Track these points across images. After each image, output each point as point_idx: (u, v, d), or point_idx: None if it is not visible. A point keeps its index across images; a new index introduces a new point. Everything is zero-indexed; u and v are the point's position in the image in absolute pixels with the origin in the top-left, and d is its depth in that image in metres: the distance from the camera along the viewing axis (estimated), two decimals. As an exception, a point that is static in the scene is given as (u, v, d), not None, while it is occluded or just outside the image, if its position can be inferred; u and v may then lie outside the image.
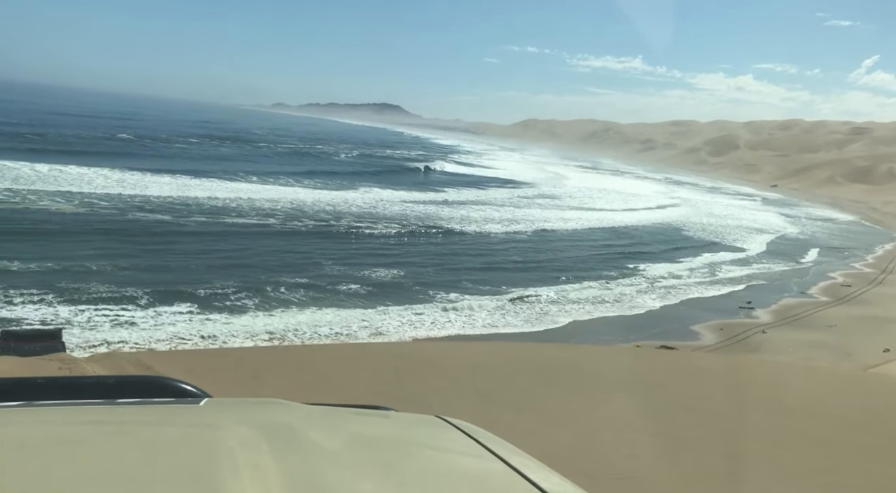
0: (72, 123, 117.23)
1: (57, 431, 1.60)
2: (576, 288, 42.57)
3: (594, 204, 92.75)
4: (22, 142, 79.83)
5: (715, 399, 15.65)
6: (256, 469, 1.39)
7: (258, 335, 27.47)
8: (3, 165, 58.56)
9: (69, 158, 67.39)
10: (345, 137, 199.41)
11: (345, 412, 2.05)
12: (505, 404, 13.41)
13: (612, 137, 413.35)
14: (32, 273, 31.98)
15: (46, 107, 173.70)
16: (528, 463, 1.71)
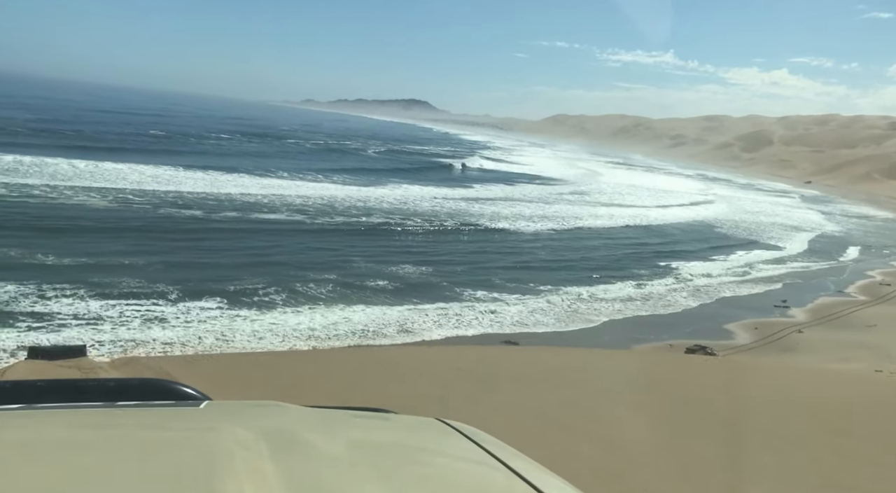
0: (107, 120, 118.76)
1: (57, 434, 1.60)
2: (608, 287, 42.05)
3: (625, 200, 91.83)
4: (59, 138, 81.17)
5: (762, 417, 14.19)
6: (256, 472, 1.40)
7: (287, 334, 27.48)
8: (42, 160, 59.54)
9: (105, 155, 68.37)
10: (373, 133, 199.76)
11: (344, 414, 2.06)
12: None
13: (643, 132, 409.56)
14: (66, 267, 32.35)
15: (82, 103, 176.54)
16: (528, 466, 1.71)
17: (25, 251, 34.07)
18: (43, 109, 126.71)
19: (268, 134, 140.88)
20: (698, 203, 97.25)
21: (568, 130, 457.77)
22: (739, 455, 11.31)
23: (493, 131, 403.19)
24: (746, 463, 11.20)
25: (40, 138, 77.82)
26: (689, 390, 16.08)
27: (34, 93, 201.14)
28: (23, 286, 28.71)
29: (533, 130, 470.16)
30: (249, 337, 26.77)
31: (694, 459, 10.97)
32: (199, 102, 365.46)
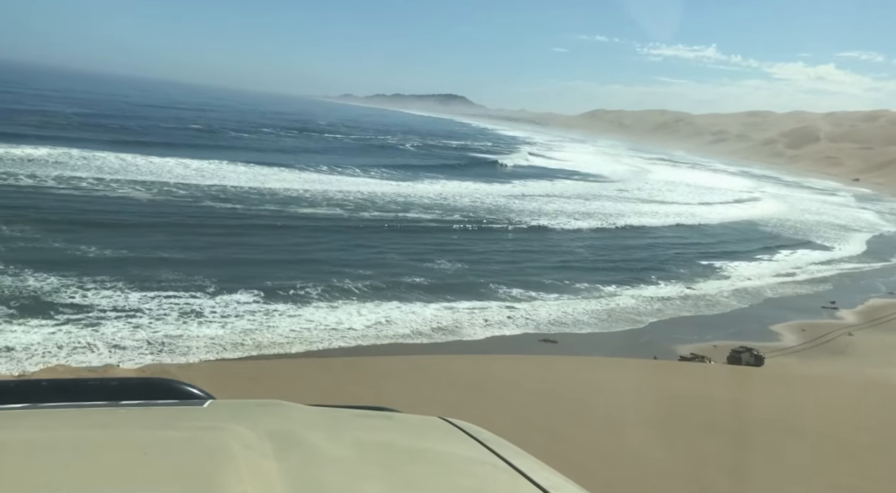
0: (152, 114, 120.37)
1: (61, 433, 1.60)
2: (652, 286, 41.28)
3: (668, 197, 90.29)
4: (106, 132, 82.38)
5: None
6: (260, 471, 1.41)
7: (322, 329, 27.30)
8: (90, 154, 60.71)
9: (149, 148, 69.34)
10: (412, 128, 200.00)
11: (348, 413, 2.06)
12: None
13: (683, 128, 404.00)
14: (107, 259, 32.75)
15: (128, 97, 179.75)
16: (531, 464, 1.72)
17: (68, 243, 34.51)
18: (90, 103, 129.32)
19: (307, 128, 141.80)
20: (743, 201, 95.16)
21: (606, 126, 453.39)
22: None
23: (531, 127, 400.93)
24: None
25: (88, 132, 79.20)
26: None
27: (80, 87, 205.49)
28: (64, 278, 29.03)
29: (570, 126, 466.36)
30: (286, 336, 26.55)
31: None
32: (240, 96, 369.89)
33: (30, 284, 27.83)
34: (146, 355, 23.08)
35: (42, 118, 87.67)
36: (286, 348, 25.23)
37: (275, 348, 25.46)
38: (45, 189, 46.64)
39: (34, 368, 21.22)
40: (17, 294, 26.69)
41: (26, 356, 21.71)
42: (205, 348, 24.07)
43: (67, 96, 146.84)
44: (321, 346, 26.00)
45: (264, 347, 25.07)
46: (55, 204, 42.75)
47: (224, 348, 24.31)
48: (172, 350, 23.62)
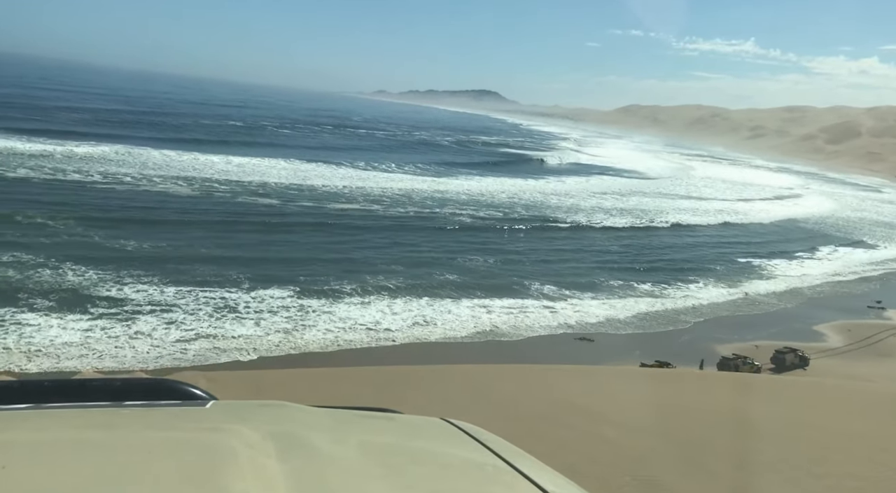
0: (193, 112, 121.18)
1: (64, 434, 1.61)
2: (692, 285, 40.46)
3: (705, 193, 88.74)
4: (149, 129, 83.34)
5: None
6: (262, 471, 1.41)
7: (358, 330, 27.13)
8: (135, 150, 61.92)
9: (191, 145, 70.21)
10: (446, 125, 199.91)
11: (350, 414, 2.04)
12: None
13: (719, 123, 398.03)
14: (144, 253, 33.10)
15: (169, 95, 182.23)
16: (532, 465, 1.71)
17: (108, 237, 34.78)
18: (134, 101, 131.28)
19: (343, 125, 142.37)
20: (784, 198, 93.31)
21: (640, 121, 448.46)
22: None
23: (564, 122, 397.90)
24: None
25: (132, 129, 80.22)
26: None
27: (125, 85, 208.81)
28: (102, 271, 29.21)
29: (604, 121, 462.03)
30: (322, 334, 26.35)
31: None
32: (275, 93, 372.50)
33: (69, 277, 28.05)
34: (181, 356, 23.21)
35: (87, 115, 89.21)
36: (323, 350, 24.93)
37: (310, 346, 25.33)
38: (90, 184, 47.50)
39: (71, 363, 21.41)
40: (57, 287, 26.84)
41: (63, 354, 21.76)
42: (237, 349, 23.85)
43: (112, 94, 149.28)
44: (358, 347, 25.69)
45: (300, 348, 24.85)
46: (98, 199, 43.36)
47: (257, 350, 24.07)
48: (205, 357, 23.70)
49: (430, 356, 25.68)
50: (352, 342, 26.02)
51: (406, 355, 25.30)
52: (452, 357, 25.79)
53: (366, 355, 25.04)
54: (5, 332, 22.49)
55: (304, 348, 24.93)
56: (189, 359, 22.71)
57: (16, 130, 64.61)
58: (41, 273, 28.01)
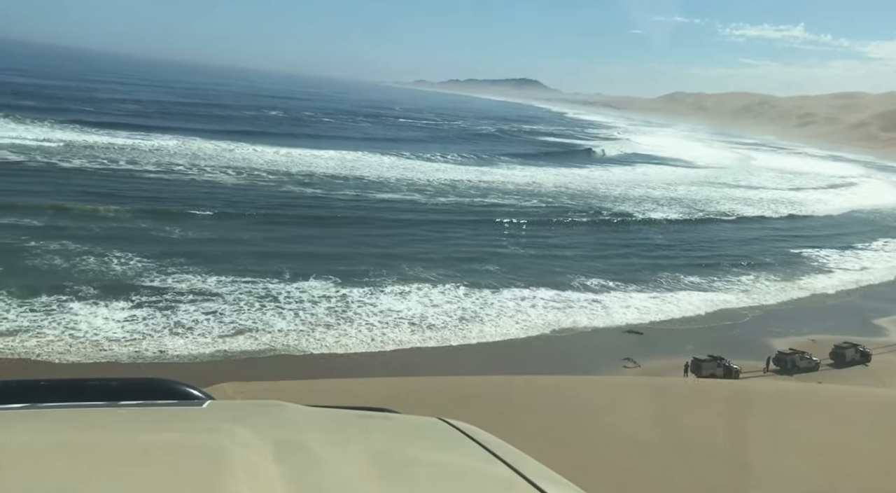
0: (242, 103, 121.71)
1: (60, 434, 1.61)
2: (743, 276, 39.27)
3: (753, 182, 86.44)
4: (201, 120, 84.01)
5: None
6: (258, 472, 1.41)
7: (399, 324, 26.75)
8: (188, 141, 63.06)
9: (238, 136, 70.83)
10: (488, 114, 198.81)
11: (347, 414, 2.03)
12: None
13: (767, 111, 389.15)
14: (189, 241, 33.33)
15: (217, 87, 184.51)
16: (530, 466, 1.70)
17: (153, 224, 35.11)
18: (182, 92, 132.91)
19: (386, 115, 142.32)
20: (837, 186, 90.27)
21: (685, 110, 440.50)
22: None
23: (607, 111, 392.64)
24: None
25: (185, 120, 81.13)
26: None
27: (171, 76, 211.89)
28: (146, 259, 29.24)
29: (648, 110, 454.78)
30: (363, 329, 25.79)
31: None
32: (320, 83, 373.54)
33: (114, 266, 28.18)
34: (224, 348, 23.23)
35: (138, 107, 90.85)
36: (368, 351, 24.31)
37: (353, 344, 25.06)
38: (139, 173, 48.33)
39: (119, 349, 21.46)
40: (101, 277, 26.99)
41: (105, 342, 21.75)
42: (281, 347, 23.49)
43: (161, 86, 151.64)
44: (405, 347, 24.95)
45: (343, 345, 24.36)
46: (148, 188, 43.99)
47: (299, 348, 23.66)
48: (247, 353, 23.63)
49: (480, 356, 25.14)
50: (399, 345, 25.27)
51: (454, 357, 24.69)
52: (504, 357, 25.25)
53: (414, 356, 24.35)
54: (52, 321, 22.60)
55: (349, 347, 24.42)
56: (231, 354, 22.53)
57: (71, 121, 66.58)
58: (87, 261, 28.22)
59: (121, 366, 20.61)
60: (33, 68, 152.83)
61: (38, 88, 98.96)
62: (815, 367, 28.64)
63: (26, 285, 24.72)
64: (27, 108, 71.03)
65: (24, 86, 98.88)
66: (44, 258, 27.98)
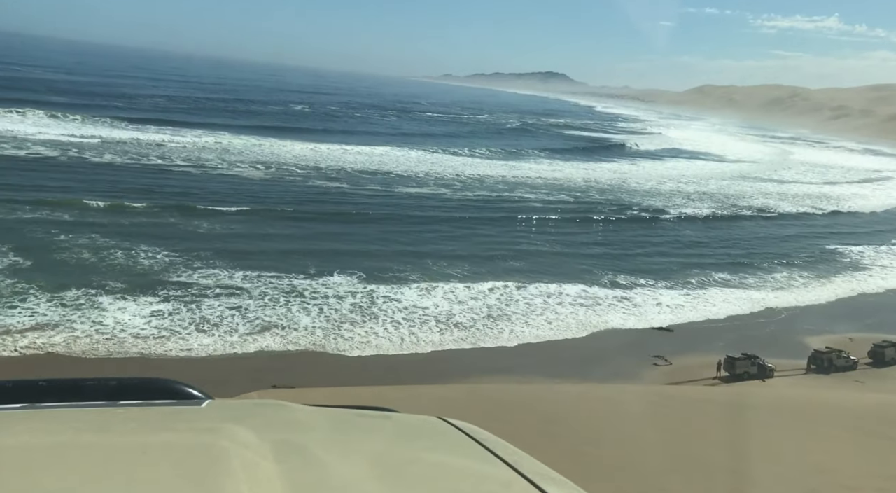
0: (271, 99, 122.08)
1: (59, 434, 1.61)
2: (775, 273, 38.44)
3: (785, 176, 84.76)
4: (229, 116, 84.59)
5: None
6: (257, 472, 1.41)
7: (426, 320, 26.42)
8: (217, 136, 63.43)
9: (267, 131, 71.27)
10: (514, 108, 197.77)
11: (347, 413, 2.03)
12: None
13: (799, 103, 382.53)
14: (215, 236, 33.37)
15: (251, 82, 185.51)
16: (528, 464, 1.70)
17: (181, 218, 35.20)
18: (215, 88, 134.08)
19: (406, 109, 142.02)
20: (873, 181, 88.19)
21: (714, 103, 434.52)
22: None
23: (635, 104, 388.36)
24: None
25: (213, 115, 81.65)
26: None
27: (200, 72, 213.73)
28: (174, 253, 29.18)
29: (677, 102, 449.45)
30: (393, 329, 25.32)
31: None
32: (347, 78, 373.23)
33: (141, 260, 28.21)
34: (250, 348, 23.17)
35: (170, 103, 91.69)
36: (399, 353, 23.78)
37: (381, 343, 24.77)
38: (168, 168, 48.71)
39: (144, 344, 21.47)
40: (128, 271, 26.98)
41: (131, 339, 21.66)
42: (308, 345, 23.20)
43: (192, 81, 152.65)
44: (439, 349, 24.40)
45: (374, 346, 23.90)
46: (176, 182, 44.22)
47: (323, 347, 23.47)
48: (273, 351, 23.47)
49: (508, 356, 24.71)
50: (433, 345, 24.77)
51: (484, 358, 24.21)
52: (532, 356, 24.87)
53: (445, 359, 23.88)
54: (81, 315, 22.65)
55: (377, 346, 24.04)
56: (257, 353, 22.37)
57: (103, 117, 67.46)
58: (115, 255, 28.31)
59: (146, 362, 20.60)
60: (65, 64, 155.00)
61: (71, 84, 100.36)
62: (853, 366, 27.89)
63: (55, 279, 24.86)
64: (60, 104, 71.92)
65: (58, 82, 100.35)
66: (73, 252, 28.17)
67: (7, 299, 22.82)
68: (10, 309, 22.19)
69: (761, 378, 25.97)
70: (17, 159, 45.10)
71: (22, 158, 45.66)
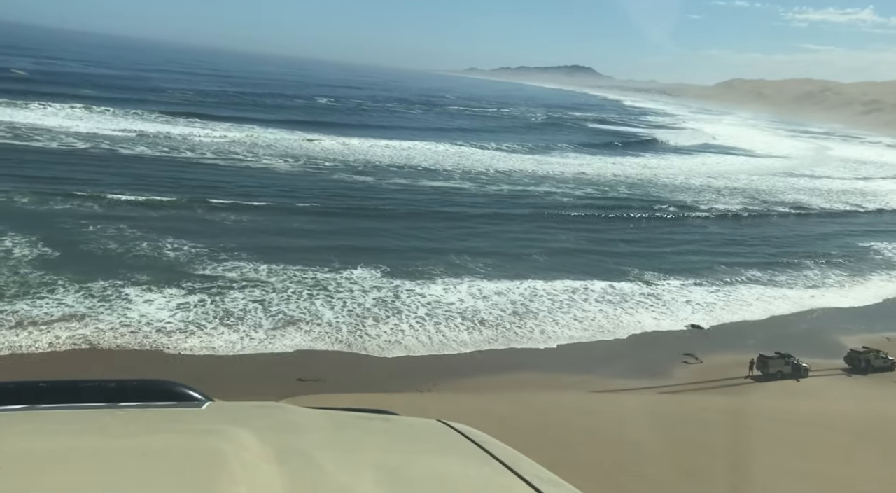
0: (300, 93, 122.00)
1: (60, 435, 1.62)
2: (807, 270, 37.67)
3: (817, 171, 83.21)
4: (264, 110, 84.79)
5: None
6: (257, 474, 1.41)
7: (452, 317, 26.08)
8: (246, 129, 64.41)
9: (295, 125, 71.50)
10: (540, 102, 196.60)
11: (347, 416, 2.02)
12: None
13: (830, 98, 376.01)
14: (241, 229, 33.40)
15: (280, 76, 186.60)
16: (528, 467, 1.70)
17: (207, 212, 35.22)
18: (243, 82, 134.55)
19: (431, 102, 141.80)
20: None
21: (742, 97, 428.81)
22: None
23: (662, 98, 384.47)
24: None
25: (245, 110, 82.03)
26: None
27: (229, 66, 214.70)
28: (200, 245, 29.20)
29: (704, 97, 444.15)
30: (417, 327, 24.92)
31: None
32: (374, 72, 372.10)
33: (167, 252, 28.21)
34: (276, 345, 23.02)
35: (199, 96, 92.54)
36: (430, 353, 23.34)
37: (407, 341, 24.49)
38: (197, 160, 49.04)
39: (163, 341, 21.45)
40: (155, 263, 26.98)
41: (154, 333, 21.54)
42: (332, 342, 22.92)
43: (222, 75, 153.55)
44: (463, 351, 23.80)
45: (404, 347, 23.47)
46: (206, 175, 44.47)
47: (348, 343, 23.23)
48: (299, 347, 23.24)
49: (537, 354, 24.39)
50: (458, 344, 24.29)
51: (510, 357, 23.77)
52: (561, 354, 24.53)
53: (465, 360, 23.33)
54: (107, 307, 22.65)
55: (406, 347, 23.56)
56: (283, 350, 22.12)
57: (136, 109, 68.22)
58: (141, 246, 28.39)
59: (169, 357, 20.53)
60: (99, 58, 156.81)
61: (104, 77, 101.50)
62: (890, 366, 27.15)
63: (83, 270, 24.97)
64: (93, 97, 73.13)
65: (92, 76, 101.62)
66: (101, 243, 28.33)
67: (36, 289, 22.92)
68: (38, 300, 22.26)
69: (795, 378, 25.36)
70: (50, 151, 45.61)
71: (55, 150, 46.21)
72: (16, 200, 32.84)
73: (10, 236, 27.23)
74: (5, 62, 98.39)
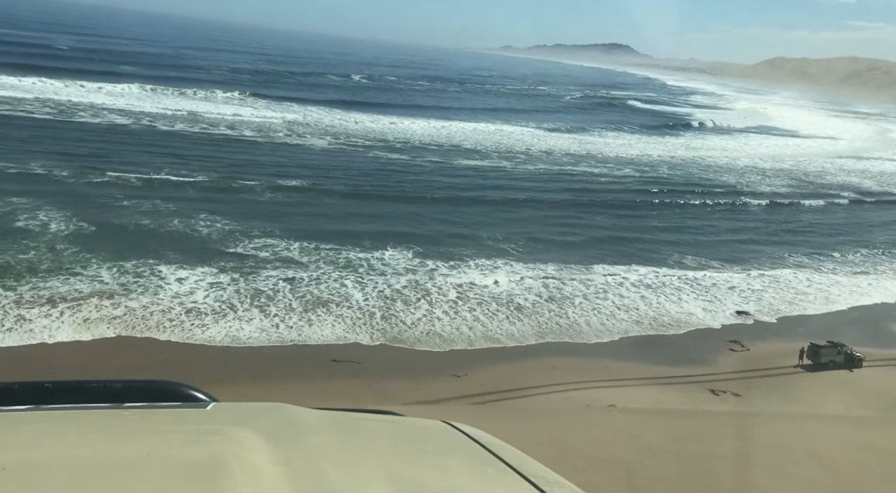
0: (331, 71, 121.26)
1: (64, 435, 1.63)
2: (849, 255, 36.31)
3: (872, 153, 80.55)
4: (303, 89, 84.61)
5: None
6: (262, 475, 1.42)
7: (484, 301, 25.23)
8: (285, 107, 65.16)
9: (334, 104, 71.14)
10: (579, 81, 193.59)
11: (352, 416, 2.02)
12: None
13: (878, 77, 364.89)
14: (273, 203, 33.43)
15: (320, 55, 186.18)
16: (533, 468, 1.71)
17: (243, 188, 35.01)
18: (281, 59, 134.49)
19: (467, 81, 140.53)
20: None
21: (786, 76, 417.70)
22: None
23: (704, 77, 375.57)
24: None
25: (283, 89, 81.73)
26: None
27: (267, 44, 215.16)
28: (232, 223, 28.91)
29: (746, 76, 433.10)
30: (451, 315, 23.93)
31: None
32: (412, 51, 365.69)
33: (199, 228, 28.10)
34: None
35: (239, 75, 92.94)
36: (469, 346, 22.30)
37: (444, 330, 23.61)
38: (236, 137, 49.30)
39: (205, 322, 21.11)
40: (188, 240, 26.81)
41: (184, 313, 21.18)
42: (365, 329, 22.09)
43: (261, 53, 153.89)
44: (496, 346, 22.54)
45: (442, 338, 22.57)
46: (241, 153, 44.27)
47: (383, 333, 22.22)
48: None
49: (574, 345, 23.35)
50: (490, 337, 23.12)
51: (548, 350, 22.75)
52: (598, 342, 23.63)
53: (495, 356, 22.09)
54: (140, 284, 22.41)
55: (446, 338, 22.59)
56: (312, 340, 21.41)
57: (177, 87, 68.78)
58: (174, 224, 28.22)
59: (198, 338, 20.22)
60: (141, 35, 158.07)
61: (147, 55, 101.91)
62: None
63: (117, 246, 24.87)
64: (135, 75, 73.46)
65: (134, 53, 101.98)
66: (135, 219, 28.27)
67: (69, 265, 22.82)
68: (72, 277, 22.13)
69: (849, 368, 24.26)
70: (90, 128, 46.05)
71: (95, 126, 46.78)
72: (56, 174, 33.04)
73: (45, 211, 27.24)
74: (48, 39, 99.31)
